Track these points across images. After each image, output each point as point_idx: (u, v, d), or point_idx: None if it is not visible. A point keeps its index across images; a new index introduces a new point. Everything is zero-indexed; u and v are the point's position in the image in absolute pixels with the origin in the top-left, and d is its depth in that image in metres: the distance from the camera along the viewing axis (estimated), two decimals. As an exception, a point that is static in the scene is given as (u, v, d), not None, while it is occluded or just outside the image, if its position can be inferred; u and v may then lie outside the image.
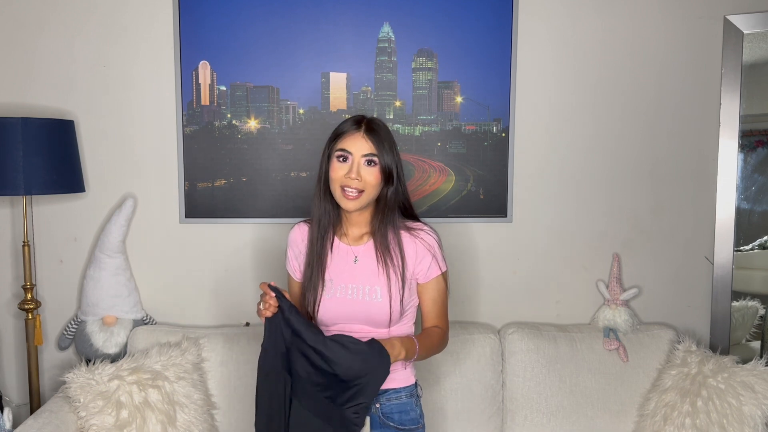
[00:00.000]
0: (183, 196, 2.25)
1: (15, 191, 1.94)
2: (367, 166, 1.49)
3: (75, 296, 2.27)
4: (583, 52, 2.28)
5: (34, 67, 2.20)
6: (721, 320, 2.32)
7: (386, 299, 1.55)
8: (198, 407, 1.96)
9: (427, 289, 1.60)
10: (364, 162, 1.49)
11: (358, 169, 1.49)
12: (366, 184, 1.50)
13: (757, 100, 2.30)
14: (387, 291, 1.55)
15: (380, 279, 1.55)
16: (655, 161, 2.33)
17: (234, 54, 2.21)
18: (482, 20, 2.23)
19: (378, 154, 1.49)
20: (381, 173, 1.51)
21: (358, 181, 1.49)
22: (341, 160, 1.50)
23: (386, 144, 1.51)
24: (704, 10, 2.28)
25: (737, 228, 2.28)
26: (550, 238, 2.34)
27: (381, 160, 1.50)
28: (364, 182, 1.49)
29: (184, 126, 2.23)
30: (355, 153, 1.49)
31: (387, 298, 1.55)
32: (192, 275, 2.29)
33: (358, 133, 1.50)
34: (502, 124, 2.27)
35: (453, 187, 2.28)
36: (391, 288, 1.55)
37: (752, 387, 1.93)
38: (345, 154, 1.50)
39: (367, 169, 1.49)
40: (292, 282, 1.71)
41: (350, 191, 1.49)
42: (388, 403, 1.61)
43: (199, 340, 2.09)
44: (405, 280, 1.57)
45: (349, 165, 1.49)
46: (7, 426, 1.86)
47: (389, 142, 1.53)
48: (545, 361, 2.15)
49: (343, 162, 1.50)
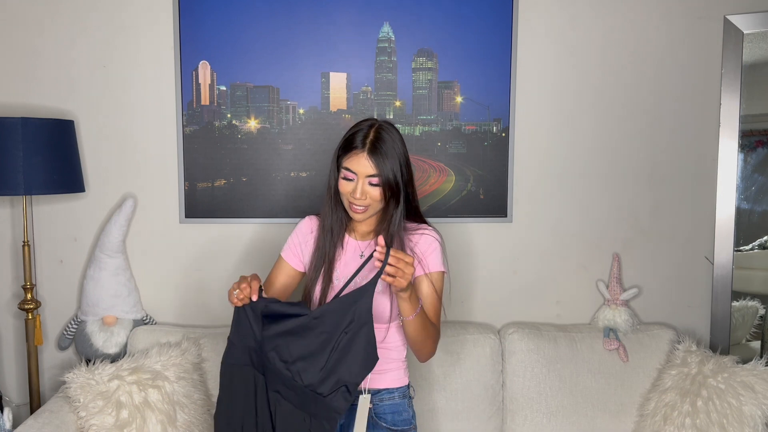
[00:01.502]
0: (183, 196, 2.25)
1: (15, 191, 1.94)
2: (371, 186, 1.53)
3: (75, 296, 2.27)
4: (583, 52, 2.28)
5: (34, 67, 2.20)
6: (721, 320, 2.32)
7: (387, 294, 1.57)
8: (198, 407, 1.96)
9: (422, 282, 1.59)
10: (368, 183, 1.53)
11: (363, 189, 1.53)
12: (371, 199, 1.54)
13: (757, 100, 2.30)
14: (388, 286, 1.55)
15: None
16: (655, 161, 2.33)
17: (234, 54, 2.21)
18: (482, 20, 2.23)
19: (379, 174, 1.52)
20: (384, 190, 1.54)
21: (364, 199, 1.54)
22: (347, 179, 1.54)
23: (388, 160, 1.52)
24: (704, 10, 2.28)
25: (737, 228, 2.28)
26: (550, 238, 2.34)
27: (382, 179, 1.52)
28: (369, 199, 1.54)
29: (184, 126, 2.23)
30: (359, 174, 1.53)
31: (388, 293, 1.57)
32: (192, 275, 2.29)
33: (362, 153, 1.52)
34: (502, 124, 2.27)
35: (453, 187, 2.28)
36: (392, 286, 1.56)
37: (752, 387, 1.93)
38: (350, 174, 1.54)
39: (371, 188, 1.53)
40: (280, 267, 1.71)
41: (357, 207, 1.55)
42: (381, 404, 1.62)
43: (199, 340, 2.09)
44: None
45: (354, 184, 1.53)
46: (7, 426, 1.86)
47: (393, 154, 1.54)
48: (545, 361, 2.15)
49: (350, 181, 1.54)
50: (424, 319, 1.51)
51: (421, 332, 1.51)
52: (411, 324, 1.49)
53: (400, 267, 1.36)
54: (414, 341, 1.54)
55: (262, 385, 1.49)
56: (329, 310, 1.43)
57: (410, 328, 1.49)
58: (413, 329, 1.50)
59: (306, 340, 1.43)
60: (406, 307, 1.46)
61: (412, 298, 1.46)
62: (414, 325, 1.49)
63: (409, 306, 1.46)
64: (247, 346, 1.48)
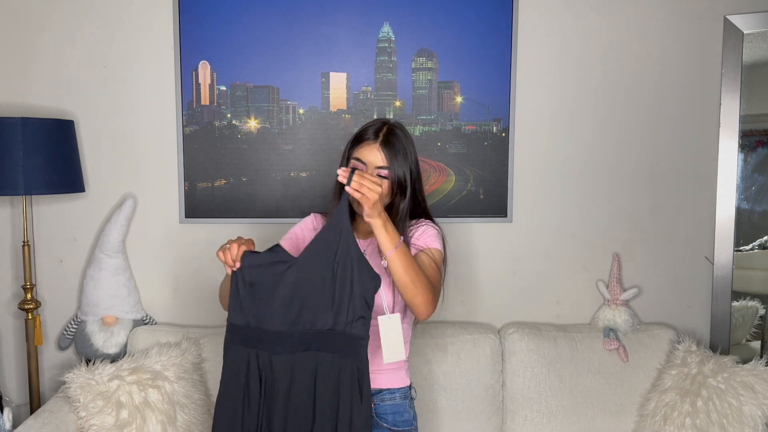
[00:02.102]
0: (183, 196, 2.25)
1: (15, 191, 1.94)
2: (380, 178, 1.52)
3: (75, 296, 2.27)
4: (583, 51, 2.28)
5: (34, 67, 2.20)
6: (721, 320, 2.32)
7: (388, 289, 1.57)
8: (198, 407, 1.96)
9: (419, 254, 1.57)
10: (377, 174, 1.53)
11: None
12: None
13: (757, 100, 2.30)
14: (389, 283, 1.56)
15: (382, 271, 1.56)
16: (655, 161, 2.33)
17: (234, 54, 2.21)
18: (482, 20, 2.23)
19: (389, 167, 1.54)
20: (392, 185, 1.55)
21: None
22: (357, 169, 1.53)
23: (400, 156, 1.55)
24: (704, 10, 2.28)
25: (737, 228, 2.28)
26: (550, 238, 2.34)
27: (392, 173, 1.54)
28: None
29: (184, 126, 2.23)
30: (369, 164, 1.54)
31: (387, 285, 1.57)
32: (192, 275, 2.29)
33: (375, 144, 1.54)
34: (502, 124, 2.27)
35: (453, 187, 2.28)
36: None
37: (752, 387, 1.93)
38: (360, 165, 1.55)
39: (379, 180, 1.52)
40: None
41: None
42: (382, 404, 1.62)
43: (199, 340, 2.09)
44: None
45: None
46: (7, 426, 1.86)
47: (404, 153, 1.56)
48: (545, 361, 2.15)
49: None
50: (408, 258, 1.44)
51: (408, 271, 1.42)
52: (395, 261, 1.41)
53: (365, 183, 1.35)
54: (403, 284, 1.44)
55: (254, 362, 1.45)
56: (311, 250, 1.43)
57: (395, 265, 1.42)
58: (398, 267, 1.42)
59: (304, 292, 1.42)
60: (384, 238, 1.40)
61: (389, 228, 1.41)
62: (398, 262, 1.41)
63: (387, 237, 1.40)
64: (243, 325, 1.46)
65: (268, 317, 1.44)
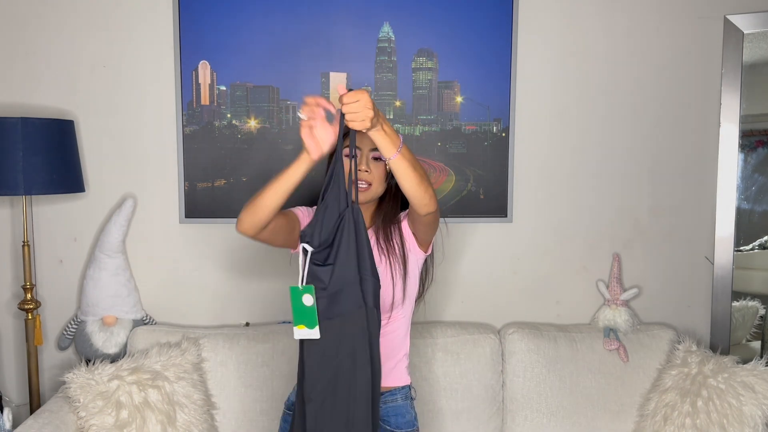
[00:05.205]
0: (183, 196, 2.25)
1: (15, 191, 1.94)
2: (375, 160, 1.58)
3: (75, 296, 2.27)
4: (583, 52, 2.28)
5: (34, 67, 2.20)
6: (721, 320, 2.32)
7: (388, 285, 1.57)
8: (198, 407, 1.96)
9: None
10: (371, 156, 1.58)
11: (367, 162, 1.57)
12: (374, 177, 1.58)
13: (757, 100, 2.30)
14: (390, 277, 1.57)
15: (380, 266, 1.57)
16: (655, 161, 2.33)
17: (234, 54, 2.20)
18: (482, 20, 2.23)
19: None
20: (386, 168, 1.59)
21: (368, 173, 1.57)
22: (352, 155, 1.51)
23: None
24: (704, 10, 2.28)
25: (737, 228, 2.28)
26: (550, 238, 2.34)
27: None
28: (372, 175, 1.58)
29: (184, 126, 2.23)
30: (363, 148, 1.58)
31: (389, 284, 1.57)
32: (192, 275, 2.29)
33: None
34: (502, 124, 2.27)
35: (453, 187, 2.28)
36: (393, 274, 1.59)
37: (752, 387, 1.93)
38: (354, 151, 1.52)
39: (375, 163, 1.58)
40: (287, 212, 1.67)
41: (361, 183, 1.57)
42: (384, 406, 1.61)
43: (199, 340, 2.09)
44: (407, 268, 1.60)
45: (359, 158, 1.57)
46: (7, 426, 1.86)
47: None
48: (545, 361, 2.14)
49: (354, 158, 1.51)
50: (412, 157, 1.40)
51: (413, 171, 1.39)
52: (399, 163, 1.37)
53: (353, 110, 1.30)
54: (411, 184, 1.40)
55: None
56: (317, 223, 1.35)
57: (402, 166, 1.38)
58: (403, 168, 1.38)
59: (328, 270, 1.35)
60: (385, 142, 1.35)
61: (388, 131, 1.35)
62: (403, 163, 1.37)
63: (388, 141, 1.34)
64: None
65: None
